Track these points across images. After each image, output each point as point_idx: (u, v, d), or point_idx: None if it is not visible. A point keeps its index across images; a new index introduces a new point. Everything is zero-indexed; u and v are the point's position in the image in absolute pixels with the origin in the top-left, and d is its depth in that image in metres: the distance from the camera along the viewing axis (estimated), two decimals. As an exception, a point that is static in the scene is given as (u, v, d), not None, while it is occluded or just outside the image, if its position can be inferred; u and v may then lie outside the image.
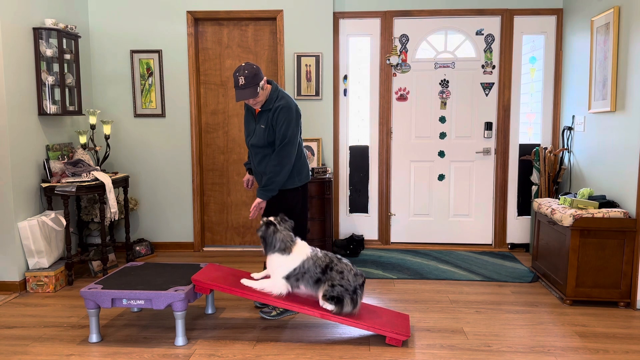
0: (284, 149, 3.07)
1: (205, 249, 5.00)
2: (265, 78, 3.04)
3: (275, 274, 2.92)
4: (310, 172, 3.36)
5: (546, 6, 4.70)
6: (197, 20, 4.76)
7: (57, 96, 4.09)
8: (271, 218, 2.96)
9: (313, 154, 4.74)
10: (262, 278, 3.04)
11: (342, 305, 2.84)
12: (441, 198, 5.00)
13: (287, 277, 2.90)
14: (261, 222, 2.97)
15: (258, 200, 3.16)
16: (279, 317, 3.25)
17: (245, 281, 2.98)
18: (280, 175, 3.09)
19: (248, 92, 2.97)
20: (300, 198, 3.28)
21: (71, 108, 4.24)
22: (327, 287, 2.85)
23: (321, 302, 2.87)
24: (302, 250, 2.93)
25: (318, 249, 2.98)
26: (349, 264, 2.93)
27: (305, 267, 2.88)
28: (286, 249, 2.90)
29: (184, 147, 4.83)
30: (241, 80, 2.95)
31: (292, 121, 3.08)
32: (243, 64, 3.00)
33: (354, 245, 4.73)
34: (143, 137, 4.84)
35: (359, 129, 5.01)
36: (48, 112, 3.98)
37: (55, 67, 4.10)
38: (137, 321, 3.23)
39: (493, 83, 4.83)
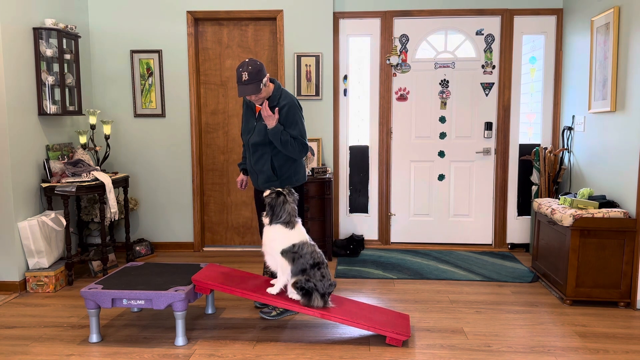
0: (306, 144, 3.13)
1: (205, 249, 5.00)
2: (268, 75, 3.04)
3: (273, 249, 2.92)
4: (306, 173, 3.37)
5: (546, 6, 4.70)
6: (197, 20, 4.76)
7: (57, 96, 4.09)
8: (279, 189, 2.96)
9: (313, 154, 4.74)
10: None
11: (309, 298, 2.86)
12: (441, 198, 5.00)
13: (283, 252, 2.89)
14: (269, 190, 2.96)
15: (275, 119, 3.04)
16: (279, 317, 3.25)
17: (270, 290, 2.98)
18: (290, 151, 3.09)
19: (251, 88, 2.97)
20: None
21: (71, 108, 4.24)
22: (302, 279, 2.87)
23: (289, 290, 2.90)
24: (302, 231, 2.96)
25: (315, 244, 3.01)
26: (330, 274, 2.97)
27: (303, 252, 2.89)
28: (290, 223, 2.91)
29: (184, 147, 4.83)
30: (244, 76, 2.94)
31: (301, 117, 3.15)
32: (247, 60, 3.00)
33: (354, 245, 4.73)
34: (143, 137, 4.84)
35: (359, 129, 5.01)
36: (48, 112, 3.98)
37: (55, 67, 4.10)
38: (137, 321, 3.23)
39: (493, 83, 4.83)
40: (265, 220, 2.95)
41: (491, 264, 4.39)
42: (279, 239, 2.91)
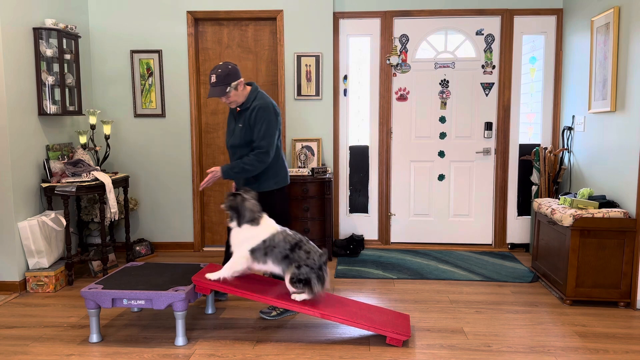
0: (267, 150, 3.09)
1: (205, 249, 5.00)
2: (242, 80, 3.08)
3: (240, 248, 2.89)
4: (288, 175, 3.34)
5: (546, 6, 4.70)
6: (197, 20, 4.76)
7: (57, 96, 4.09)
8: (234, 191, 2.96)
9: (313, 154, 4.74)
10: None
11: (310, 286, 2.84)
12: (441, 198, 5.00)
13: (254, 250, 2.87)
14: (225, 195, 2.97)
15: (218, 171, 3.13)
16: (279, 317, 3.25)
17: (209, 275, 2.93)
18: (251, 171, 3.11)
19: (217, 90, 3.04)
20: (277, 201, 3.27)
21: (71, 108, 4.24)
22: (294, 270, 2.84)
23: (289, 287, 2.88)
24: (270, 224, 2.93)
25: (287, 228, 2.98)
26: (315, 246, 2.94)
27: (276, 241, 2.87)
28: (254, 220, 2.90)
29: (184, 147, 4.83)
30: (213, 78, 3.04)
31: (272, 121, 3.10)
32: (220, 63, 3.07)
33: (354, 245, 4.73)
34: (143, 137, 4.84)
35: (359, 129, 5.01)
36: (48, 112, 3.98)
37: (55, 67, 4.10)
38: (137, 321, 3.23)
39: (493, 83, 4.83)
40: (232, 224, 2.93)
41: (491, 264, 4.40)
42: (249, 238, 2.88)
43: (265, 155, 3.09)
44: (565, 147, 4.55)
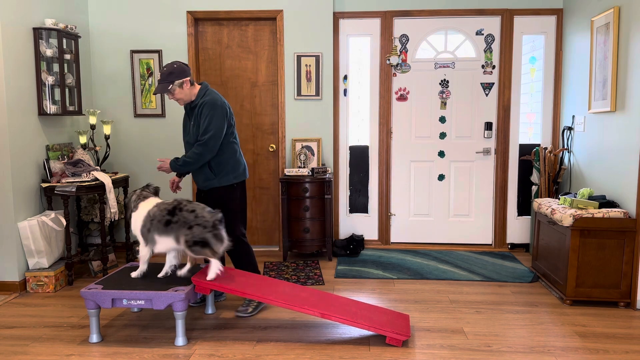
0: (206, 142, 3.14)
1: (205, 249, 4.99)
2: (187, 79, 3.16)
3: (137, 234, 3.01)
4: (247, 170, 3.42)
5: (546, 6, 4.70)
6: (197, 20, 4.76)
7: (57, 96, 4.09)
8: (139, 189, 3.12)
9: (313, 154, 4.74)
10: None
11: (210, 246, 2.83)
12: (441, 198, 5.00)
13: (142, 233, 2.96)
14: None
15: (167, 162, 3.27)
16: (257, 310, 3.30)
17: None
18: (195, 164, 3.19)
19: (160, 87, 3.16)
20: (236, 196, 3.33)
21: (71, 108, 4.24)
22: (186, 232, 2.83)
23: (188, 253, 2.89)
24: (150, 203, 3.01)
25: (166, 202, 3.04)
26: (201, 204, 2.94)
27: (152, 215, 2.93)
28: (135, 207, 3.02)
29: (184, 147, 4.82)
30: (159, 76, 3.19)
31: (215, 115, 3.15)
32: (169, 62, 3.20)
33: (354, 245, 4.73)
34: (143, 137, 4.84)
35: (359, 129, 5.01)
36: (48, 112, 3.98)
37: (55, 67, 4.09)
38: (137, 321, 3.23)
39: (493, 83, 4.83)
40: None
41: (491, 264, 4.40)
42: (135, 223, 3.00)
43: (203, 147, 3.15)
44: (565, 147, 4.55)
